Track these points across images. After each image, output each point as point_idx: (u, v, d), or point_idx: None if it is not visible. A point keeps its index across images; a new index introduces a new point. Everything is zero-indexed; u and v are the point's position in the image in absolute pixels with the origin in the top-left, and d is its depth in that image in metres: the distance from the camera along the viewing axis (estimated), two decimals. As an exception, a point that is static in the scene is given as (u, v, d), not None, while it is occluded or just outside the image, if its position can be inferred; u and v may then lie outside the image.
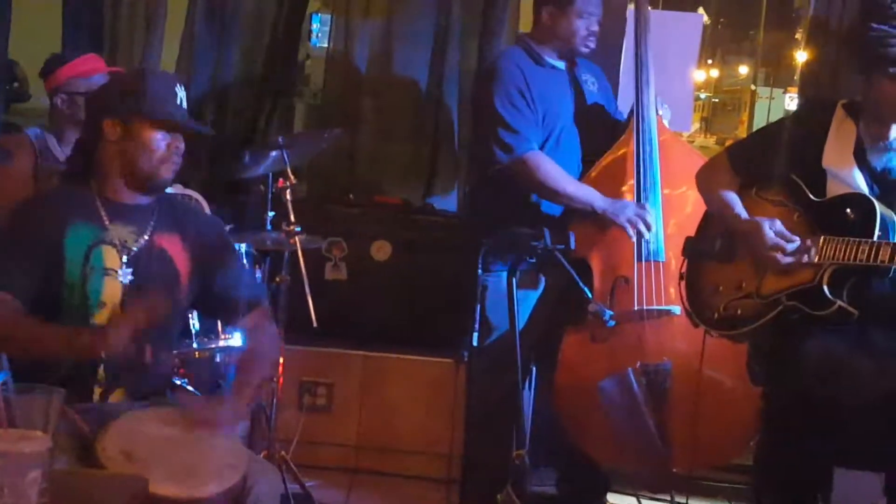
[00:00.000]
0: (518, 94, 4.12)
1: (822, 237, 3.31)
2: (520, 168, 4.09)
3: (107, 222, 2.83)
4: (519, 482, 3.43)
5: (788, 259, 3.34)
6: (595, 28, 4.24)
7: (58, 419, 1.85)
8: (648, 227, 4.05)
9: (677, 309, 3.89)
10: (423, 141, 5.36)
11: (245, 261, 4.09)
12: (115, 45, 5.27)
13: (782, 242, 3.36)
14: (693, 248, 3.74)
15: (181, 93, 2.91)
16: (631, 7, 4.51)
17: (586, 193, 4.11)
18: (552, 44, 4.26)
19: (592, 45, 4.27)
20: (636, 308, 4.03)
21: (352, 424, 4.75)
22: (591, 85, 4.37)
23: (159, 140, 2.84)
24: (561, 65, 4.29)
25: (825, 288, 3.28)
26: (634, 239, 4.06)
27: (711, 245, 3.64)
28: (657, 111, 4.23)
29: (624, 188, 4.17)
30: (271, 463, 3.67)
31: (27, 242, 2.74)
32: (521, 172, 4.10)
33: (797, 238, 3.36)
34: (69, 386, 2.09)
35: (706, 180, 3.69)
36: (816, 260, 3.31)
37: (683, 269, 3.78)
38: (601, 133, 4.33)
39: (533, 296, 4.22)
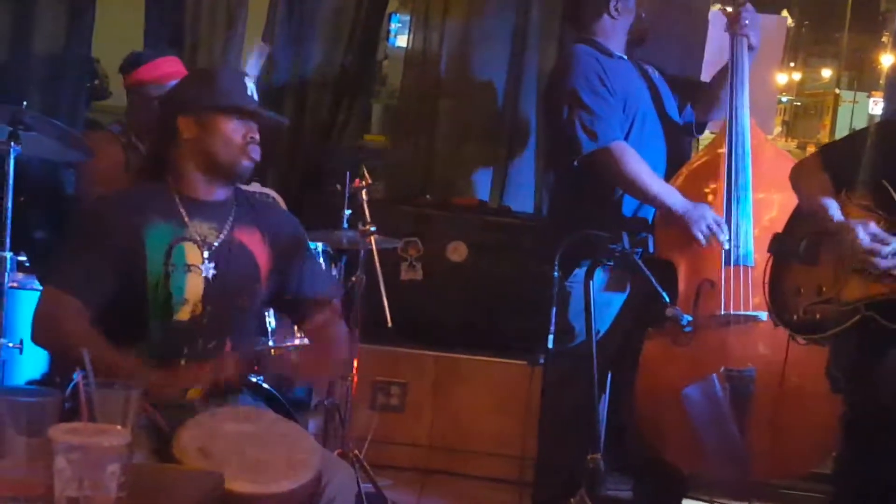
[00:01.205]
0: (598, 80, 4.09)
1: None
2: (604, 158, 4.04)
3: (186, 219, 2.84)
4: (593, 486, 3.41)
5: (887, 263, 3.22)
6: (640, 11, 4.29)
7: (136, 414, 1.87)
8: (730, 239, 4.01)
9: (764, 315, 3.82)
10: (500, 142, 5.36)
11: (322, 259, 4.11)
12: (196, 44, 5.33)
13: (878, 245, 3.25)
14: (779, 247, 3.68)
15: (250, 85, 2.94)
16: (714, 9, 4.47)
17: (667, 193, 4.06)
18: (617, 37, 4.25)
19: (648, 31, 4.32)
20: (722, 313, 3.98)
21: (424, 425, 4.76)
22: (653, 72, 4.36)
23: (235, 130, 2.85)
24: (626, 57, 4.29)
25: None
26: (704, 242, 4.01)
27: (797, 245, 3.57)
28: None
29: (707, 190, 4.12)
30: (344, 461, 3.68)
31: (104, 242, 2.76)
32: (604, 163, 4.05)
33: (894, 239, 3.25)
34: (148, 382, 2.10)
35: (800, 179, 3.60)
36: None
37: (769, 266, 3.71)
38: (676, 118, 4.34)
39: (618, 300, 4.19)
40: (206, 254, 2.84)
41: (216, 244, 2.86)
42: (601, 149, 4.04)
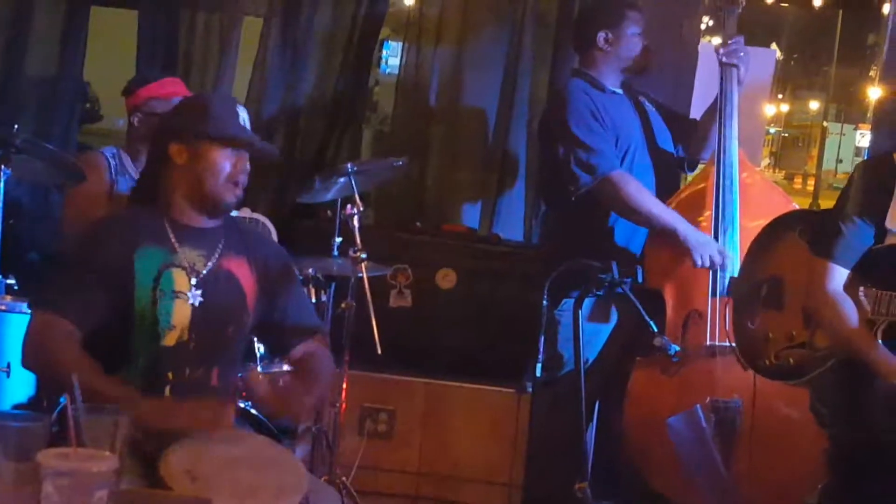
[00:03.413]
0: (591, 116, 4.14)
1: (875, 291, 3.22)
2: (605, 188, 4.08)
3: (176, 245, 2.84)
4: (580, 515, 3.40)
5: None
6: (645, 43, 4.29)
7: (124, 439, 1.86)
8: (722, 269, 4.01)
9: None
10: (490, 170, 5.37)
11: (312, 288, 4.11)
12: (189, 69, 5.34)
13: None
14: (738, 291, 3.68)
15: (243, 114, 2.93)
16: (703, 41, 4.50)
17: (670, 216, 4.09)
18: (611, 70, 4.28)
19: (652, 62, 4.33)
20: (708, 343, 3.99)
21: (413, 451, 4.75)
22: (648, 104, 4.39)
23: (225, 160, 2.84)
24: (620, 91, 4.32)
25: (879, 342, 3.21)
26: (700, 265, 4.02)
27: (757, 289, 3.58)
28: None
29: (699, 219, 4.14)
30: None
31: (95, 265, 2.75)
32: (606, 192, 4.08)
33: None
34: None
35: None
36: (870, 314, 3.23)
37: (730, 311, 3.72)
38: (669, 151, 4.38)
39: (605, 330, 4.20)
40: (193, 281, 2.83)
41: (204, 272, 2.85)
42: (601, 180, 4.07)
